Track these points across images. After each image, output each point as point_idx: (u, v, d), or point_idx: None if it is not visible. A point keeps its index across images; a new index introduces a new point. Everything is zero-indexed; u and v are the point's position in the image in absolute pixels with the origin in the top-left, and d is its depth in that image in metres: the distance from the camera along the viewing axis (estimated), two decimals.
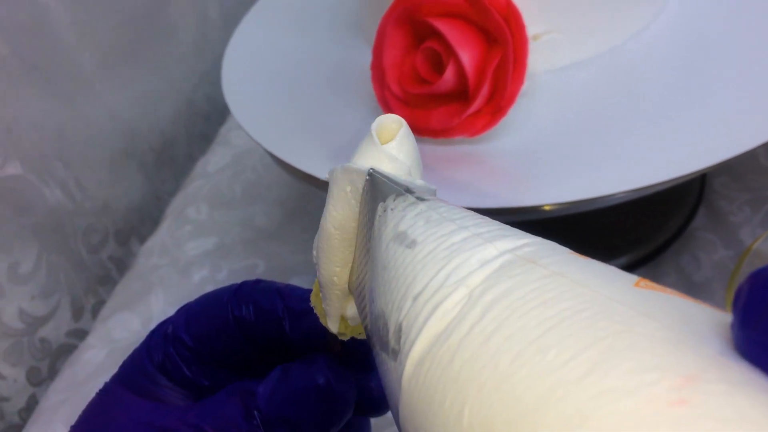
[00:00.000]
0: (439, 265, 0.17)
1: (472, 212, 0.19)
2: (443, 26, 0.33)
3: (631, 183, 0.31)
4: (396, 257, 0.19)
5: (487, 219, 0.19)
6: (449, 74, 0.33)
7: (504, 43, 0.33)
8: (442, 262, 0.17)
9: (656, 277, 0.42)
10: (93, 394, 0.26)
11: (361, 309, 0.22)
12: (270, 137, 0.39)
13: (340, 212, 0.22)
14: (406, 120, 0.35)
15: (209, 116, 0.73)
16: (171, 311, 0.50)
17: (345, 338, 0.24)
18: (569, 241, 0.44)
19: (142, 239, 0.61)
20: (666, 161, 0.31)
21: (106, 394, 0.26)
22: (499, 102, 0.33)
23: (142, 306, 0.52)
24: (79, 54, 0.56)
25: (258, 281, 0.27)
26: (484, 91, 0.33)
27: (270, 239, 0.54)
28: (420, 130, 0.35)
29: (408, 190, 0.20)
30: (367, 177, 0.21)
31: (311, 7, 0.51)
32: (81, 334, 0.55)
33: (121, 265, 0.60)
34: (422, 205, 0.19)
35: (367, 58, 0.38)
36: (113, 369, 0.47)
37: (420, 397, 0.16)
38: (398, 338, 0.17)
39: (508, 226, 0.18)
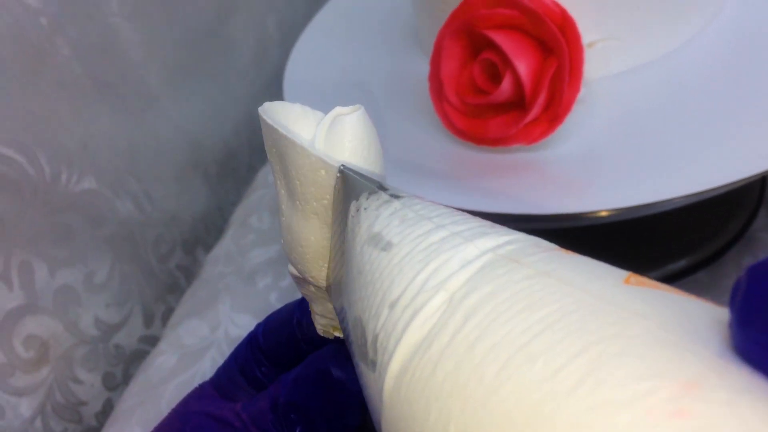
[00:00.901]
0: (417, 269, 0.16)
1: (451, 209, 0.18)
2: (499, 38, 0.34)
3: (690, 187, 0.31)
4: (371, 261, 0.17)
5: (466, 215, 0.17)
6: (506, 84, 0.34)
7: (560, 53, 0.33)
8: (420, 264, 0.16)
9: (718, 280, 0.42)
10: (165, 397, 0.29)
11: (338, 312, 0.20)
12: None
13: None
14: (465, 130, 0.36)
15: None
16: (237, 317, 0.52)
17: (330, 336, 0.25)
18: (626, 245, 0.44)
19: (208, 248, 0.64)
20: (725, 164, 0.31)
21: (198, 390, 0.29)
22: (556, 110, 0.34)
23: (209, 312, 0.54)
24: (146, 71, 0.59)
25: None
26: (541, 100, 0.34)
27: None
28: (478, 139, 0.36)
29: (381, 187, 0.19)
30: (338, 174, 0.20)
31: (368, 21, 0.52)
32: (152, 340, 0.57)
33: (189, 273, 0.63)
34: (397, 203, 0.18)
35: (425, 69, 0.39)
36: (184, 373, 0.50)
37: (402, 412, 0.14)
38: (375, 349, 0.16)
39: (489, 223, 0.17)
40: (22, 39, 0.47)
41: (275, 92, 0.74)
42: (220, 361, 0.50)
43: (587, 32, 0.35)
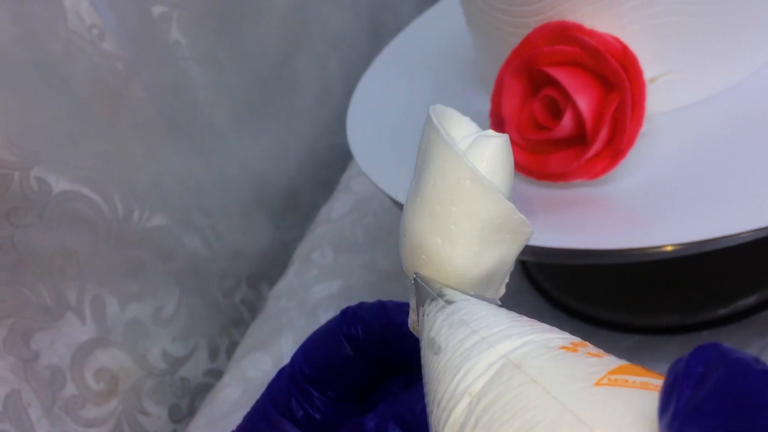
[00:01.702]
0: (453, 374, 0.18)
1: (491, 308, 0.20)
2: (560, 74, 0.34)
3: (757, 222, 0.30)
4: (429, 363, 0.20)
5: (502, 315, 0.20)
6: (567, 120, 0.34)
7: (621, 88, 0.33)
8: (455, 370, 0.18)
9: None
10: (229, 431, 0.28)
11: None
12: (392, 183, 0.41)
13: None
14: (526, 165, 0.36)
15: (331, 165, 0.76)
16: None
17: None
18: (694, 281, 0.44)
19: (271, 283, 0.65)
20: None
21: None
22: (618, 145, 0.34)
23: (273, 346, 0.55)
24: (214, 111, 0.61)
25: (360, 303, 0.28)
26: (603, 135, 0.34)
27: (392, 281, 0.56)
28: (539, 174, 0.36)
29: (440, 294, 0.22)
30: (412, 282, 0.22)
31: (428, 60, 0.53)
32: (217, 374, 0.58)
33: (253, 308, 0.64)
34: (448, 309, 0.21)
35: (485, 105, 0.40)
36: (248, 406, 0.50)
37: None
38: None
39: (521, 322, 0.19)
40: (100, 83, 0.50)
41: (337, 131, 0.76)
42: None
43: (649, 67, 0.35)
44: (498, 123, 0.38)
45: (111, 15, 0.51)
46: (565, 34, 0.34)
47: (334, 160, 0.77)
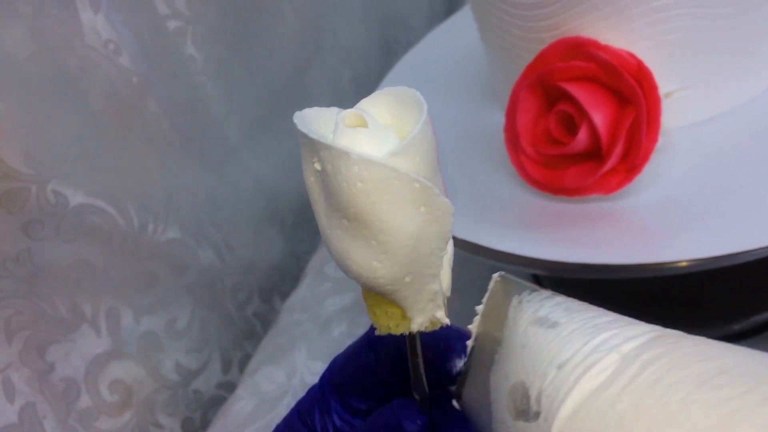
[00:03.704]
0: (586, 339, 0.19)
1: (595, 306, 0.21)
2: (575, 89, 0.34)
3: None
4: (537, 336, 0.20)
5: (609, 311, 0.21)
6: (582, 135, 0.34)
7: (637, 104, 0.34)
8: (589, 336, 0.19)
9: None
10: None
11: (482, 394, 0.23)
12: None
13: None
14: (540, 180, 0.36)
15: None
16: (313, 364, 0.53)
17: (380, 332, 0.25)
18: (709, 296, 0.44)
19: (284, 296, 0.65)
20: None
21: None
22: (633, 160, 0.34)
23: (286, 360, 0.55)
24: (227, 125, 0.61)
25: None
26: (618, 150, 0.34)
27: None
28: (554, 189, 0.36)
29: (536, 289, 0.23)
30: (498, 278, 0.23)
31: (441, 74, 0.53)
32: (230, 387, 0.58)
33: (265, 321, 0.64)
34: (559, 298, 0.22)
35: (499, 120, 0.40)
36: (261, 419, 0.51)
37: None
38: (540, 402, 0.19)
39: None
40: (115, 97, 0.50)
41: None
42: None
43: (664, 82, 0.35)
44: (512, 138, 0.38)
45: (126, 30, 0.52)
46: (580, 49, 0.34)
47: None
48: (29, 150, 0.44)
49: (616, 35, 0.35)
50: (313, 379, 0.52)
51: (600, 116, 0.34)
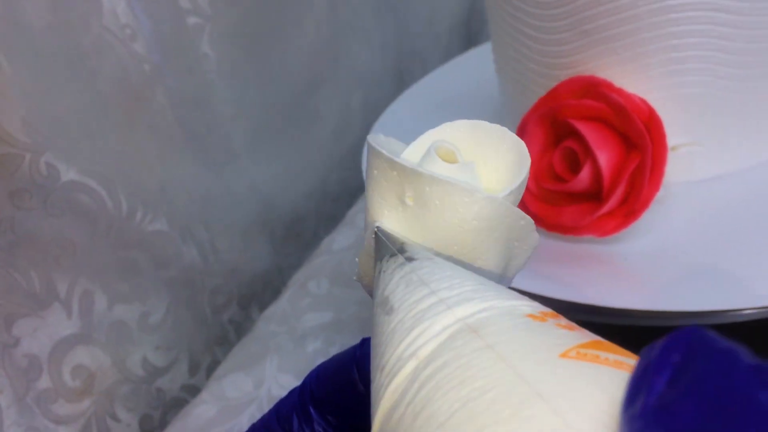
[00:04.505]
0: (402, 336, 0.17)
1: (457, 270, 0.18)
2: (584, 128, 0.34)
3: (760, 301, 0.30)
4: (378, 324, 0.18)
5: (468, 277, 0.18)
6: (585, 174, 0.34)
7: (643, 149, 0.33)
8: (405, 332, 0.17)
9: None
10: None
11: None
12: None
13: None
14: (538, 214, 0.36)
15: (339, 198, 0.76)
16: (283, 377, 0.52)
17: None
18: None
19: (262, 306, 0.64)
20: None
21: None
22: (633, 205, 0.34)
23: (256, 369, 0.53)
24: (232, 128, 0.61)
25: None
26: (619, 193, 0.34)
27: None
28: (549, 225, 0.36)
29: (401, 250, 0.20)
30: (373, 235, 0.21)
31: (450, 104, 0.53)
32: (194, 390, 0.57)
33: (239, 328, 0.63)
34: (408, 267, 0.19)
35: None
36: (221, 426, 0.49)
37: None
38: (375, 405, 0.17)
39: (491, 285, 0.18)
40: (125, 81, 0.50)
41: (350, 167, 0.76)
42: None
43: (673, 135, 0.35)
44: None
45: (146, 18, 0.52)
46: (594, 89, 0.34)
47: (342, 195, 0.77)
48: (29, 118, 0.43)
49: (631, 81, 0.35)
50: (281, 391, 0.51)
51: (605, 157, 0.34)
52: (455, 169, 0.21)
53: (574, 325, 0.16)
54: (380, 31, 0.80)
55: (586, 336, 0.15)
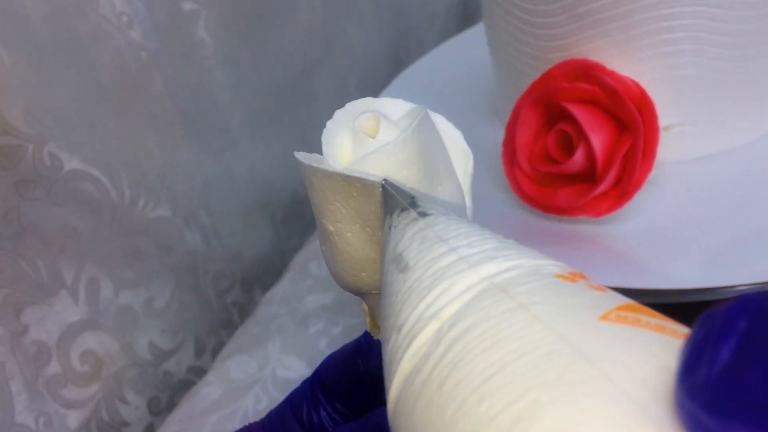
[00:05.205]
0: (422, 295, 0.16)
1: (473, 227, 0.18)
2: (577, 110, 0.35)
3: (752, 276, 0.31)
4: (392, 282, 0.17)
5: (487, 235, 0.17)
6: (579, 156, 0.35)
7: (635, 131, 0.34)
8: (425, 291, 0.16)
9: None
10: (206, 428, 0.29)
11: None
12: None
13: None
14: (533, 196, 0.37)
15: None
16: (286, 358, 0.53)
17: (378, 337, 0.25)
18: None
19: (265, 289, 0.65)
20: None
21: (246, 430, 0.30)
22: (625, 186, 0.34)
23: (259, 350, 0.55)
24: (230, 113, 0.61)
25: None
26: (612, 175, 0.34)
27: None
28: (545, 207, 0.37)
29: (413, 204, 0.19)
30: (380, 189, 0.20)
31: (446, 87, 0.54)
32: (200, 372, 0.58)
33: (243, 311, 0.64)
34: (421, 222, 0.18)
35: (497, 136, 0.40)
36: (227, 407, 0.50)
37: None
38: (386, 375, 0.16)
39: (507, 244, 0.17)
40: (123, 69, 0.51)
41: None
42: (264, 399, 0.50)
43: (665, 116, 0.36)
44: (510, 152, 0.38)
45: (141, 5, 0.52)
46: (586, 72, 0.35)
47: None
48: (31, 109, 0.44)
49: (623, 63, 0.35)
50: (285, 372, 0.52)
51: (598, 139, 0.34)
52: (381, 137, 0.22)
53: (603, 286, 0.15)
54: (375, 12, 0.80)
55: (621, 298, 0.14)
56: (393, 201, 0.19)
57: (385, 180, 0.20)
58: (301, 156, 0.22)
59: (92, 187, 0.48)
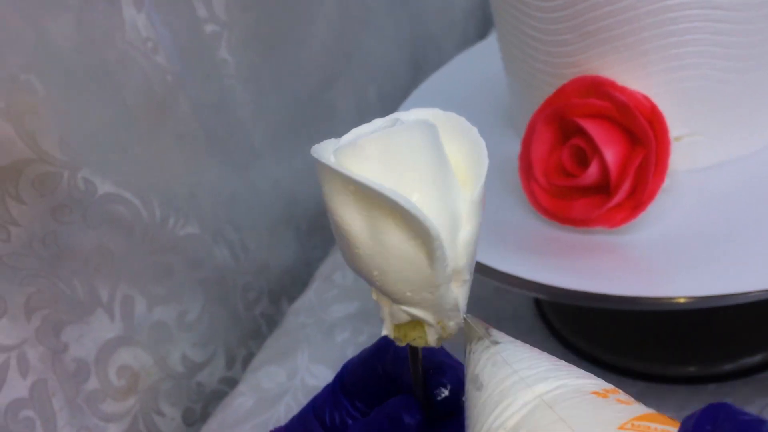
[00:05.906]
0: (491, 409, 0.20)
1: (534, 351, 0.22)
2: (589, 126, 0.36)
3: (767, 283, 0.32)
4: (471, 398, 0.22)
5: (542, 358, 0.22)
6: (593, 169, 0.36)
7: (647, 144, 0.35)
8: (494, 406, 0.20)
9: None
10: None
11: None
12: None
13: None
14: (550, 209, 0.38)
15: None
16: (314, 367, 0.55)
17: (401, 343, 0.26)
18: (705, 335, 0.45)
19: (292, 299, 0.67)
20: None
21: None
22: (639, 197, 0.36)
23: (288, 361, 0.56)
24: (253, 129, 0.63)
25: None
26: (626, 187, 0.36)
27: None
28: (562, 219, 0.38)
29: (487, 334, 0.24)
30: (463, 321, 0.24)
31: (465, 97, 0.55)
32: (232, 383, 0.60)
33: (271, 321, 0.66)
34: (493, 348, 0.23)
35: (515, 148, 0.41)
36: (259, 416, 0.52)
37: None
38: None
39: (557, 366, 0.21)
40: (150, 93, 0.52)
41: None
42: (295, 408, 0.52)
43: (675, 127, 0.37)
44: (526, 166, 0.39)
45: (165, 30, 0.54)
46: (598, 88, 0.36)
47: None
48: (65, 137, 0.46)
49: (633, 78, 0.37)
50: (313, 381, 0.54)
51: (611, 153, 0.35)
52: None
53: (631, 399, 0.19)
54: (393, 22, 0.82)
55: (642, 409, 0.18)
56: (472, 332, 0.24)
57: (466, 315, 0.24)
58: (317, 151, 0.24)
59: (125, 209, 0.50)
